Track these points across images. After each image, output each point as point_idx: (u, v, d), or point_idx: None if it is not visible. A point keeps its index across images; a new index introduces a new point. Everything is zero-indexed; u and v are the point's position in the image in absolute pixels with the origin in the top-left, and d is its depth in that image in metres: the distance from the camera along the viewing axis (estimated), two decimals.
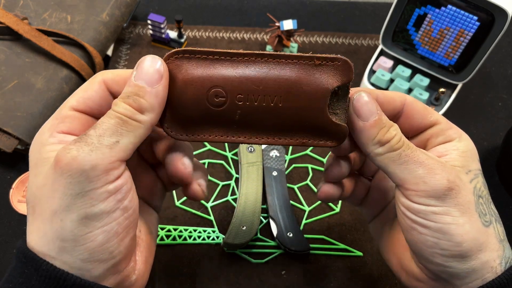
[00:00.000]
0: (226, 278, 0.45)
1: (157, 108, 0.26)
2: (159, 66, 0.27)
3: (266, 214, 0.49)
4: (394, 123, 0.28)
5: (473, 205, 0.27)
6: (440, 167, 0.27)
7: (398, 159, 0.27)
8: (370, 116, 0.27)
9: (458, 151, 0.29)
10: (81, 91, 0.28)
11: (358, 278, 0.46)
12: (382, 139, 0.27)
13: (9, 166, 0.52)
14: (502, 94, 0.63)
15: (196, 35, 0.65)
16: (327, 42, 0.66)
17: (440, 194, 0.27)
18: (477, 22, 0.49)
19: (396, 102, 0.30)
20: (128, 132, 0.25)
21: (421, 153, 0.28)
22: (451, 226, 0.27)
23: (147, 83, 0.26)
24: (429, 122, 0.30)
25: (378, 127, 0.27)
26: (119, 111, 0.26)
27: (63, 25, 0.57)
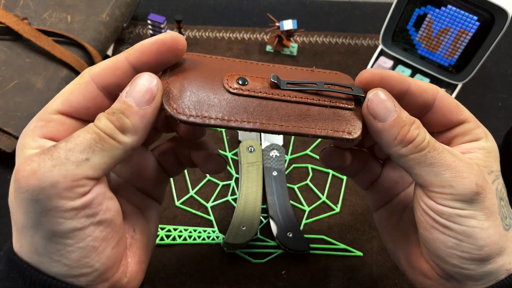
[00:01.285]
0: (226, 278, 0.45)
1: (140, 131, 0.24)
2: (153, 86, 0.24)
3: (266, 214, 0.49)
4: (416, 118, 0.27)
5: (497, 208, 0.27)
6: (468, 169, 0.26)
7: (424, 161, 0.26)
8: (388, 116, 0.26)
9: (483, 150, 0.28)
10: (67, 92, 0.26)
11: (358, 278, 0.46)
12: (405, 139, 0.26)
13: (9, 166, 0.52)
14: (502, 94, 0.63)
15: (196, 35, 0.65)
16: (327, 42, 0.66)
17: (468, 198, 0.26)
18: (477, 22, 0.49)
19: (428, 94, 0.28)
20: (102, 151, 0.23)
21: (448, 154, 0.26)
22: (476, 229, 0.26)
23: (136, 102, 0.24)
24: (458, 120, 0.29)
25: (398, 126, 0.26)
26: (99, 126, 0.24)
27: (63, 25, 0.57)
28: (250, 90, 0.26)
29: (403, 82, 0.27)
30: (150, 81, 0.24)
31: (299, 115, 0.26)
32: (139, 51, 0.25)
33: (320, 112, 0.27)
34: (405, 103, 0.28)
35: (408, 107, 0.28)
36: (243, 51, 0.64)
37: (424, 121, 0.29)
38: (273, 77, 0.26)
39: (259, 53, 0.64)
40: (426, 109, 0.29)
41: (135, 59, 0.25)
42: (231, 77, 0.26)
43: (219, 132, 0.56)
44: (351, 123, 0.27)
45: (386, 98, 0.26)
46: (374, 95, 0.26)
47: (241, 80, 0.26)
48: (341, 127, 0.27)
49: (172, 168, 0.34)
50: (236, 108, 0.26)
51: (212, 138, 0.55)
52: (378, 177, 0.35)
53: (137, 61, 0.25)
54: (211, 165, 0.32)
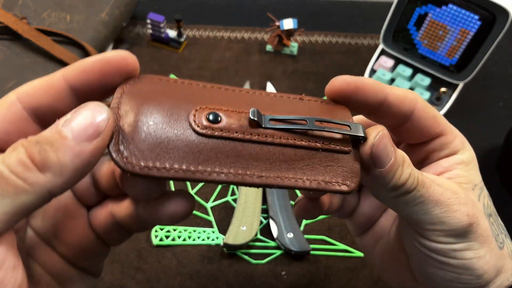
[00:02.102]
0: (226, 278, 0.45)
1: (68, 172, 0.18)
2: (102, 120, 0.19)
3: (266, 214, 0.49)
4: (403, 153, 0.24)
5: (489, 231, 0.26)
6: (457, 200, 0.24)
7: (413, 201, 0.24)
8: (387, 160, 0.22)
9: (462, 164, 0.27)
10: None
11: (358, 279, 0.46)
12: (398, 183, 0.23)
13: None
14: (503, 94, 0.63)
15: (195, 35, 0.65)
16: (327, 42, 0.66)
17: (461, 231, 0.24)
18: (478, 21, 0.49)
19: (406, 105, 0.25)
20: (3, 197, 0.17)
21: (436, 187, 0.24)
22: (473, 260, 0.25)
23: (74, 135, 0.18)
24: (435, 133, 0.27)
25: (393, 170, 0.23)
26: (5, 161, 0.18)
27: (62, 24, 0.56)
28: (224, 129, 0.21)
29: (380, 92, 0.25)
30: (99, 113, 0.19)
31: (284, 161, 0.21)
32: (79, 69, 0.21)
33: (310, 157, 0.22)
34: (381, 113, 0.26)
35: (385, 118, 0.26)
36: (243, 50, 0.64)
37: (400, 131, 0.28)
38: (253, 113, 0.21)
39: (259, 53, 0.64)
40: (403, 120, 0.27)
41: (74, 78, 0.21)
42: (200, 112, 0.21)
43: None
44: (347, 171, 0.22)
45: (388, 141, 0.22)
46: (380, 139, 0.22)
47: (213, 116, 0.21)
48: (335, 176, 0.22)
49: (113, 235, 0.25)
50: (205, 155, 0.20)
51: None
52: (356, 207, 0.32)
53: (76, 81, 0.21)
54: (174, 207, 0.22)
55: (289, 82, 0.61)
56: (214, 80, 0.60)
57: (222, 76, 0.61)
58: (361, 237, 0.33)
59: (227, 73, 0.61)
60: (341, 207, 0.31)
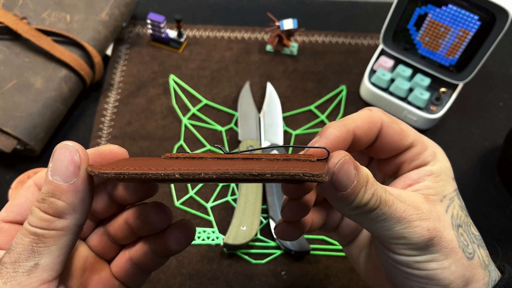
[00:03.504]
0: (226, 278, 0.45)
1: (79, 206, 0.23)
2: (75, 157, 0.22)
3: (266, 214, 0.49)
4: (368, 172, 0.24)
5: (455, 242, 0.26)
6: (417, 216, 0.25)
7: (376, 219, 0.25)
8: (349, 184, 0.23)
9: (432, 176, 0.27)
10: (11, 200, 0.26)
11: (358, 279, 0.46)
12: (360, 203, 0.24)
13: (8, 166, 0.52)
14: (503, 94, 0.63)
15: (195, 35, 0.65)
16: (327, 42, 0.66)
17: (422, 245, 0.25)
18: (478, 22, 0.49)
19: (373, 132, 0.27)
20: (48, 247, 0.22)
21: (399, 204, 0.25)
22: (437, 271, 0.26)
23: (62, 178, 0.22)
24: (404, 146, 0.28)
25: (355, 192, 0.24)
26: (32, 223, 0.22)
27: (62, 24, 0.56)
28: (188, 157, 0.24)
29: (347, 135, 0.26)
30: (71, 152, 0.22)
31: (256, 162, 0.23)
32: None
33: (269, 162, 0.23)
34: (353, 147, 0.27)
35: (356, 148, 0.28)
36: (243, 50, 0.64)
37: (370, 150, 0.29)
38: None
39: (259, 53, 0.64)
40: (372, 142, 0.28)
41: None
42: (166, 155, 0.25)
43: (218, 132, 0.56)
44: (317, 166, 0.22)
45: (349, 166, 0.23)
46: (341, 167, 0.23)
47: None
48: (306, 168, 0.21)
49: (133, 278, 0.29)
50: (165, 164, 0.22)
51: (213, 138, 0.55)
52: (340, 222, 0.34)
53: None
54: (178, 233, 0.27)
55: (289, 82, 0.61)
56: (214, 80, 0.60)
57: (222, 76, 0.61)
58: (347, 247, 0.35)
59: (227, 73, 0.61)
60: (325, 224, 0.33)
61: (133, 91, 0.59)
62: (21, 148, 0.50)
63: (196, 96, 0.58)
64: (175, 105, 0.57)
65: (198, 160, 0.24)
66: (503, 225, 0.51)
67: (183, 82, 0.59)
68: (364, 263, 0.33)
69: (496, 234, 0.50)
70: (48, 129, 0.51)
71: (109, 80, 0.60)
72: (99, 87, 0.59)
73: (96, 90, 0.59)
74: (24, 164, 0.52)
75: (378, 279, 0.32)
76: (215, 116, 0.57)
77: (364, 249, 0.33)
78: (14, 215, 0.25)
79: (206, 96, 0.59)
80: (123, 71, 0.61)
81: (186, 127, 0.56)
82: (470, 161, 0.56)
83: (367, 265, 0.33)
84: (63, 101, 0.53)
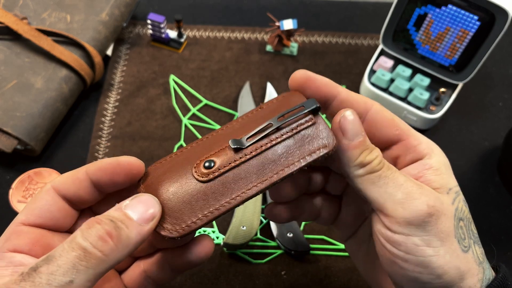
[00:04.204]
0: (226, 278, 0.45)
1: (131, 245, 0.23)
2: (157, 210, 0.25)
3: None
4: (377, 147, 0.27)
5: (452, 231, 0.26)
6: (418, 190, 0.26)
7: (378, 181, 0.26)
8: (356, 136, 0.26)
9: (431, 169, 0.28)
10: (29, 203, 0.26)
11: (358, 279, 0.46)
12: (364, 160, 0.26)
13: (9, 166, 0.52)
14: (503, 94, 0.63)
15: (195, 35, 0.65)
16: (327, 42, 0.66)
17: (420, 221, 0.25)
18: (478, 22, 0.49)
19: (360, 106, 0.29)
20: (88, 268, 0.22)
21: (400, 176, 0.26)
22: (433, 258, 0.26)
23: (137, 217, 0.24)
24: (394, 135, 0.29)
25: (361, 148, 0.26)
26: (88, 239, 0.22)
27: (62, 24, 0.57)
28: (221, 167, 0.26)
29: (331, 87, 0.28)
30: (154, 204, 0.25)
31: (273, 161, 0.26)
32: (97, 166, 0.27)
33: (287, 146, 0.26)
34: (333, 109, 0.29)
35: None
36: (243, 50, 0.64)
37: None
38: (232, 143, 0.27)
39: (259, 53, 0.64)
40: None
41: (93, 173, 0.27)
42: (197, 167, 0.27)
43: None
44: (321, 136, 0.27)
45: (357, 120, 0.26)
46: (348, 113, 0.26)
47: (208, 163, 0.26)
48: (314, 146, 0.26)
49: None
50: (216, 193, 0.26)
51: None
52: (338, 214, 0.34)
53: (94, 175, 0.27)
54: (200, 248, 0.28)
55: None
56: (214, 80, 0.60)
57: (222, 76, 0.61)
58: (347, 242, 0.35)
59: (227, 73, 0.61)
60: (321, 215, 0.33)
61: (133, 91, 0.59)
62: (21, 148, 0.50)
63: (196, 96, 0.58)
64: (175, 105, 0.57)
65: None
66: (503, 225, 0.51)
67: (183, 82, 0.59)
68: (363, 258, 0.33)
69: (496, 234, 0.50)
70: (49, 129, 0.52)
71: (109, 80, 0.60)
72: (99, 87, 0.59)
73: (96, 90, 0.59)
74: (25, 164, 0.52)
75: (376, 275, 0.32)
76: (215, 116, 0.57)
77: (364, 244, 0.33)
78: (34, 218, 0.26)
79: (206, 96, 0.59)
80: (123, 71, 0.61)
81: (186, 127, 0.56)
82: (470, 161, 0.56)
83: (365, 261, 0.33)
84: (63, 101, 0.53)
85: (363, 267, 0.33)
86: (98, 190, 0.28)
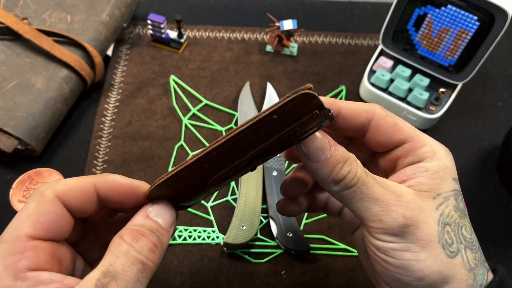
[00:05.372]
0: (226, 278, 0.45)
1: (164, 251, 0.26)
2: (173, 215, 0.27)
3: (266, 214, 0.49)
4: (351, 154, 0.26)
5: (435, 237, 0.26)
6: (396, 202, 0.26)
7: (354, 197, 0.26)
8: (322, 155, 0.25)
9: (427, 172, 0.27)
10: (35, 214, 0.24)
11: (358, 278, 0.46)
12: (336, 178, 0.26)
13: (9, 166, 0.52)
14: (502, 94, 0.63)
15: (196, 35, 0.65)
16: (327, 42, 0.66)
17: (397, 231, 0.26)
18: (477, 22, 0.49)
19: (362, 117, 0.28)
20: (146, 279, 0.24)
21: (378, 187, 0.26)
22: (411, 262, 0.26)
23: (165, 223, 0.26)
24: (397, 140, 0.29)
25: (330, 165, 0.25)
26: (142, 253, 0.24)
27: (63, 25, 0.57)
28: None
29: (332, 106, 0.28)
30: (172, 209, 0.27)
31: None
32: (110, 186, 0.26)
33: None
34: (338, 126, 0.29)
35: (343, 130, 0.29)
36: (243, 51, 0.64)
37: (365, 141, 0.30)
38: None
39: (259, 53, 0.64)
40: (362, 130, 0.29)
41: (104, 191, 0.26)
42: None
43: (219, 132, 0.56)
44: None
45: (320, 137, 0.25)
46: (312, 138, 0.26)
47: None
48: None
49: None
50: None
51: (213, 138, 0.55)
52: (342, 207, 0.35)
53: (105, 194, 0.26)
54: None
55: (289, 83, 0.61)
56: (214, 80, 0.61)
57: (222, 76, 0.61)
58: (353, 236, 0.36)
59: (227, 74, 0.61)
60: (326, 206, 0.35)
61: (134, 91, 0.59)
62: (22, 148, 0.51)
63: (197, 96, 0.59)
64: (176, 105, 0.57)
65: None
66: (502, 225, 0.51)
67: (184, 82, 0.59)
68: (365, 252, 0.33)
69: (496, 234, 0.50)
70: (49, 129, 0.52)
71: (109, 80, 0.60)
72: (99, 87, 0.59)
73: (96, 91, 0.59)
74: (25, 164, 0.52)
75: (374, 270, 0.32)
76: (215, 116, 0.57)
77: None
78: (44, 232, 0.24)
79: (206, 96, 0.59)
80: (123, 71, 0.61)
81: (186, 127, 0.56)
82: (469, 161, 0.56)
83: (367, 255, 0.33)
84: (63, 101, 0.53)
85: (365, 262, 0.34)
86: (101, 204, 0.27)
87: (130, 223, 0.26)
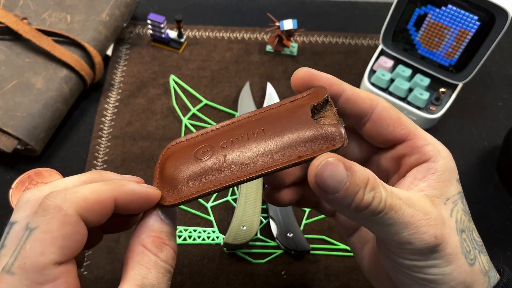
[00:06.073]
0: (226, 278, 0.45)
1: None
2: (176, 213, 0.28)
3: (266, 214, 0.49)
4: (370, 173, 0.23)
5: (459, 249, 0.25)
6: (426, 222, 0.24)
7: (382, 223, 0.24)
8: (340, 186, 0.22)
9: (435, 174, 0.26)
10: (61, 238, 0.22)
11: (358, 278, 0.46)
12: (359, 206, 0.23)
13: (9, 166, 0.52)
14: (502, 94, 0.63)
15: (196, 35, 0.65)
16: (327, 42, 0.66)
17: (426, 251, 0.25)
18: (478, 22, 0.49)
19: (366, 103, 0.27)
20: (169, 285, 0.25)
21: (406, 209, 0.24)
22: (438, 276, 0.25)
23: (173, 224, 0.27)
24: (400, 135, 0.27)
25: (352, 193, 0.22)
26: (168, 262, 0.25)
27: (62, 25, 0.57)
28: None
29: (335, 84, 0.27)
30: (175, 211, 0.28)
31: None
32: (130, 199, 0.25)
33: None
34: (341, 107, 0.28)
35: (344, 113, 0.28)
36: (243, 51, 0.64)
37: (365, 131, 0.28)
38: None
39: (259, 53, 0.64)
40: (363, 118, 0.28)
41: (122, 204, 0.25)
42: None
43: None
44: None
45: (334, 166, 0.22)
46: (322, 167, 0.22)
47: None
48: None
49: None
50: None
51: None
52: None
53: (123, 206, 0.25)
54: None
55: (289, 82, 0.60)
56: (214, 80, 0.61)
57: (222, 76, 0.61)
58: (349, 238, 0.34)
59: (227, 74, 0.61)
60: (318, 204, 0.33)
61: (134, 91, 0.59)
62: (21, 148, 0.50)
63: (197, 96, 0.58)
64: (176, 105, 0.57)
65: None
66: (502, 225, 0.51)
67: (184, 82, 0.59)
68: (367, 257, 0.32)
69: (496, 234, 0.50)
70: (49, 129, 0.52)
71: (109, 80, 0.60)
72: (99, 87, 0.59)
73: (96, 90, 0.59)
74: (25, 164, 0.52)
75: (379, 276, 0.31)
76: (215, 116, 0.57)
77: (368, 243, 0.32)
78: (70, 256, 0.23)
79: (206, 96, 0.59)
80: (123, 71, 0.61)
81: (186, 127, 0.56)
82: (469, 161, 0.56)
83: (369, 260, 0.32)
84: (63, 101, 0.53)
85: (366, 265, 0.33)
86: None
87: (144, 227, 0.26)
